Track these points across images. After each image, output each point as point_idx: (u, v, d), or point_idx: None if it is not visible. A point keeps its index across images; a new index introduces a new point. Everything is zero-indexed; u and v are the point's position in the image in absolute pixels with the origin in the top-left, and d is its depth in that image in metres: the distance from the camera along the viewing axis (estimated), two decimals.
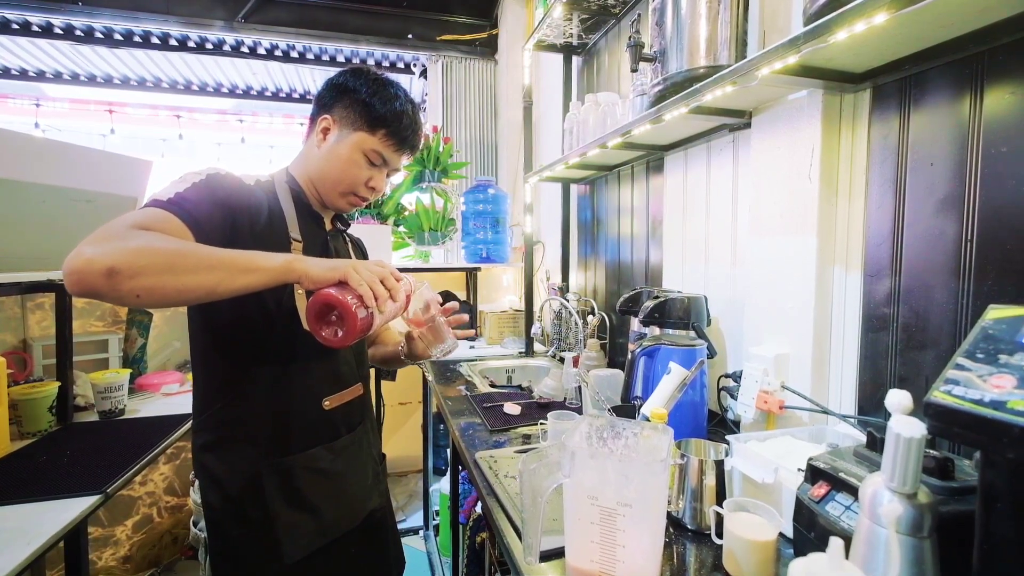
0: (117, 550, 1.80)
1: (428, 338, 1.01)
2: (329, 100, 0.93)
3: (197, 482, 0.93)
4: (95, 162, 1.54)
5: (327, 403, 0.91)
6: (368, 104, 0.91)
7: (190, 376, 1.71)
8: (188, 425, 1.33)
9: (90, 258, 0.57)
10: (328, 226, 1.01)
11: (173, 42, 3.08)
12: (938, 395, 0.40)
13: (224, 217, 0.76)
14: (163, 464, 1.97)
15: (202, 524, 0.93)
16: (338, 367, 0.96)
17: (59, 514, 0.85)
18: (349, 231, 1.10)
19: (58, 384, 1.27)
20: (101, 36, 2.97)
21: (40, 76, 3.55)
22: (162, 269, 0.61)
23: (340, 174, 0.92)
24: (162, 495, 1.96)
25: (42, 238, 1.41)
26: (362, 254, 1.17)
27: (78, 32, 2.92)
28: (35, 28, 2.86)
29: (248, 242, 0.76)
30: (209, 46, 3.16)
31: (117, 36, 2.99)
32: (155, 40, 3.04)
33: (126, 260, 0.58)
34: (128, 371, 1.43)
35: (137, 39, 3.02)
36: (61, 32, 2.90)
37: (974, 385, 0.38)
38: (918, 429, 0.41)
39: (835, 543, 0.38)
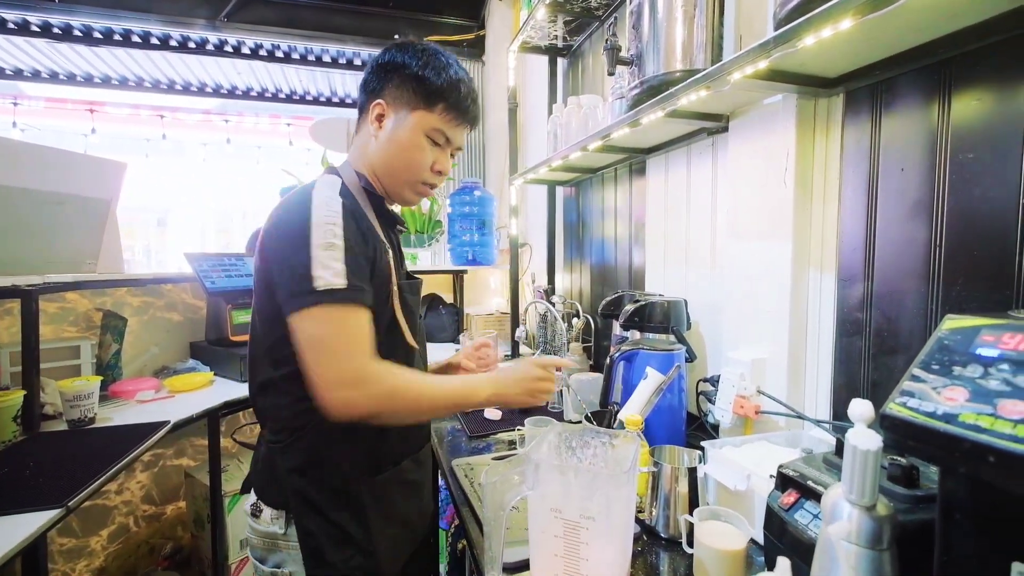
0: (91, 561, 1.76)
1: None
2: (377, 83, 0.85)
3: (267, 510, 0.82)
4: (66, 164, 1.50)
5: None
6: (421, 78, 0.82)
7: (167, 382, 1.68)
8: (162, 433, 1.30)
9: (355, 404, 0.69)
10: None
11: (154, 41, 3.03)
12: (894, 407, 0.39)
13: (367, 269, 0.76)
14: (140, 472, 1.93)
15: (280, 558, 0.81)
16: None
17: (16, 529, 0.82)
18: None
19: (23, 392, 1.23)
20: (80, 34, 2.92)
21: (17, 74, 3.47)
22: (409, 414, 0.76)
23: (405, 162, 0.84)
24: (139, 504, 1.92)
25: (9, 241, 1.37)
26: None
27: (55, 30, 2.87)
28: (10, 25, 2.80)
29: (372, 269, 0.78)
30: (192, 45, 3.11)
31: (96, 34, 2.93)
32: (136, 39, 2.99)
33: (385, 409, 0.71)
34: (98, 378, 1.39)
35: (117, 37, 2.97)
36: (38, 30, 2.84)
37: (928, 397, 0.37)
38: (874, 441, 0.41)
39: (782, 564, 0.37)
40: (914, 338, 0.78)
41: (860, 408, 0.47)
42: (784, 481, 0.67)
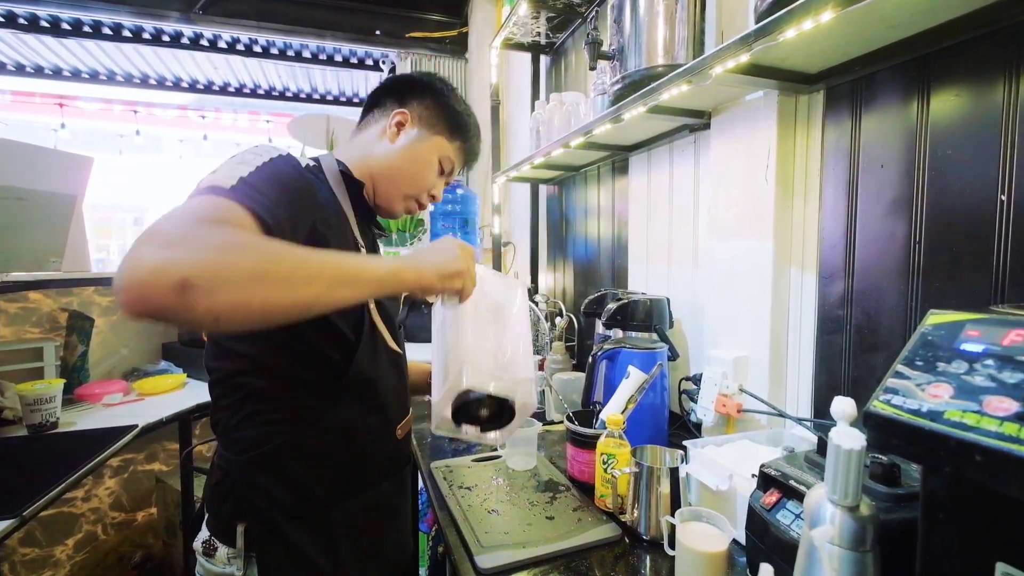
0: (56, 571, 1.69)
1: None
2: (403, 92, 0.84)
3: (223, 548, 0.72)
4: (28, 158, 1.43)
5: (399, 431, 0.82)
6: (451, 109, 0.85)
7: (136, 385, 1.62)
8: (128, 437, 1.25)
9: (157, 267, 0.42)
10: None
11: (126, 33, 2.94)
12: (877, 405, 0.38)
13: (293, 212, 0.60)
14: (108, 478, 1.86)
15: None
16: (404, 390, 0.85)
17: None
18: None
19: None
20: (46, 25, 2.81)
21: None
22: (249, 278, 0.46)
23: (413, 176, 0.84)
24: (108, 511, 1.85)
25: None
26: None
27: (20, 20, 2.75)
28: None
29: (315, 243, 0.63)
30: (166, 38, 3.02)
31: (64, 26, 2.82)
32: (106, 31, 2.89)
33: (204, 268, 0.43)
34: (61, 381, 1.33)
35: (87, 29, 2.86)
36: (2, 20, 2.72)
37: (912, 394, 0.36)
38: (858, 441, 0.40)
39: (765, 570, 0.36)
40: (894, 335, 0.78)
41: (843, 406, 0.46)
42: (766, 481, 0.66)
